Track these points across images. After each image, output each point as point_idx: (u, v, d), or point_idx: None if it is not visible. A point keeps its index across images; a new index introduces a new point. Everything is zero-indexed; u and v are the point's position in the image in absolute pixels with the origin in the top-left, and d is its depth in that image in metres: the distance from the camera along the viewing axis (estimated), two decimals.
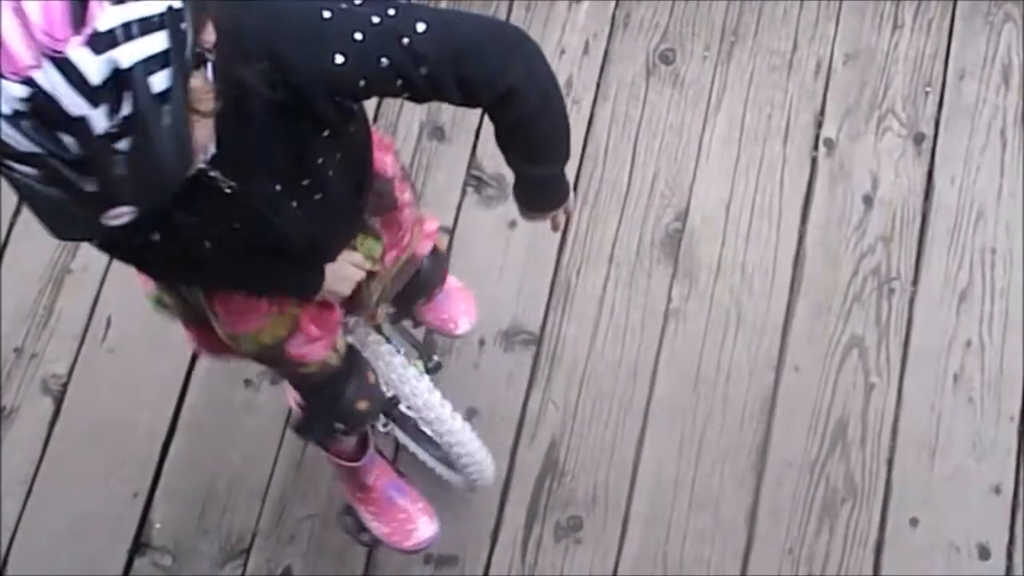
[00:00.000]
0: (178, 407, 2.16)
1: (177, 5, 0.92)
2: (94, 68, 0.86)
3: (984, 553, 2.06)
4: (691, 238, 2.26)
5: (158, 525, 2.10)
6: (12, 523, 2.10)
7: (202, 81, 0.98)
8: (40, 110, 0.85)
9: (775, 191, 2.28)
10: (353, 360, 1.64)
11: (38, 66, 0.85)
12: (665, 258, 2.25)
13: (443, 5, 2.40)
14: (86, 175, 0.89)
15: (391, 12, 1.18)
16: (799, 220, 2.27)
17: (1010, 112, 2.32)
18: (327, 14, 1.16)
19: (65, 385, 2.17)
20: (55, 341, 2.20)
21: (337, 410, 1.64)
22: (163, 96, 0.90)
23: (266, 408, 2.15)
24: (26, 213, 2.27)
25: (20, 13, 0.85)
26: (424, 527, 1.94)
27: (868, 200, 2.27)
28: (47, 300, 2.22)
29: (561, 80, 2.31)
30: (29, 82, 0.85)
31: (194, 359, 2.18)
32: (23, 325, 2.20)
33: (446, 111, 2.32)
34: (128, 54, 0.87)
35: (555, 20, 2.40)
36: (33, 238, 2.26)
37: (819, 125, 2.33)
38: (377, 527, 1.94)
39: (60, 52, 0.85)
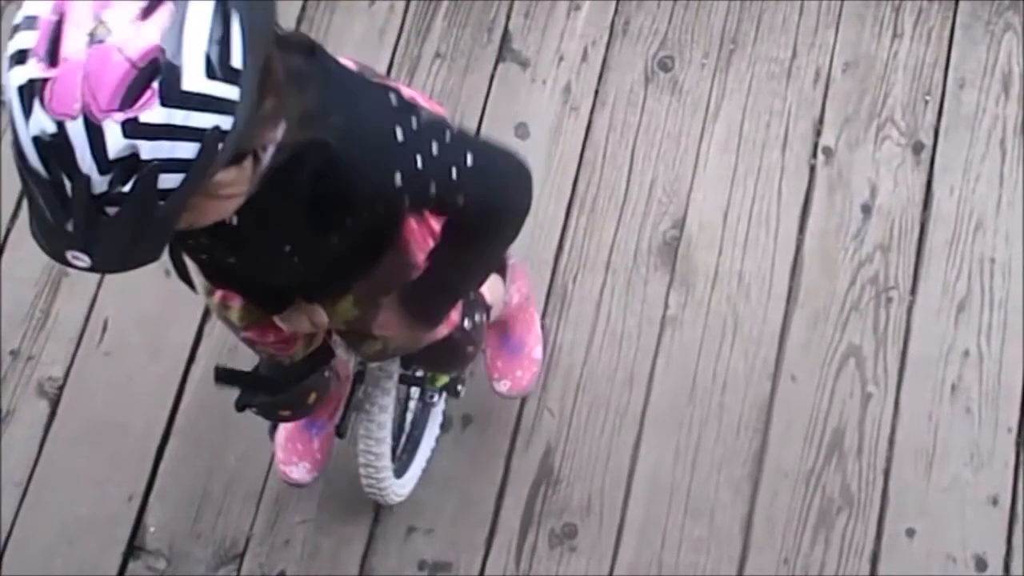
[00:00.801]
0: (173, 410, 2.16)
1: (225, 127, 0.93)
2: (116, 145, 0.90)
3: (981, 564, 2.05)
4: (688, 245, 2.26)
5: (152, 528, 2.10)
6: (7, 525, 2.10)
7: (236, 174, 1.03)
8: (58, 149, 0.91)
9: (773, 199, 2.28)
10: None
11: (74, 117, 0.89)
12: (662, 265, 2.24)
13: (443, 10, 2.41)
14: (69, 216, 0.93)
15: (447, 139, 1.22)
16: (797, 228, 2.26)
17: (1010, 122, 2.32)
18: (400, 136, 1.18)
19: (61, 388, 2.18)
20: (52, 344, 2.20)
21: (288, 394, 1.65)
22: (164, 193, 0.93)
23: None
24: (23, 217, 2.28)
25: (91, 65, 0.90)
26: (301, 472, 1.93)
27: (867, 209, 2.27)
28: (44, 303, 2.22)
29: (559, 86, 2.35)
30: (60, 125, 0.90)
31: (190, 363, 2.18)
32: (20, 328, 2.21)
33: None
34: (152, 149, 0.91)
35: (553, 26, 2.40)
36: (31, 241, 2.26)
37: (818, 133, 2.32)
38: (279, 436, 1.95)
39: (96, 119, 0.89)
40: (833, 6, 2.40)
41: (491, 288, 1.76)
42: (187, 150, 0.92)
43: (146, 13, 0.91)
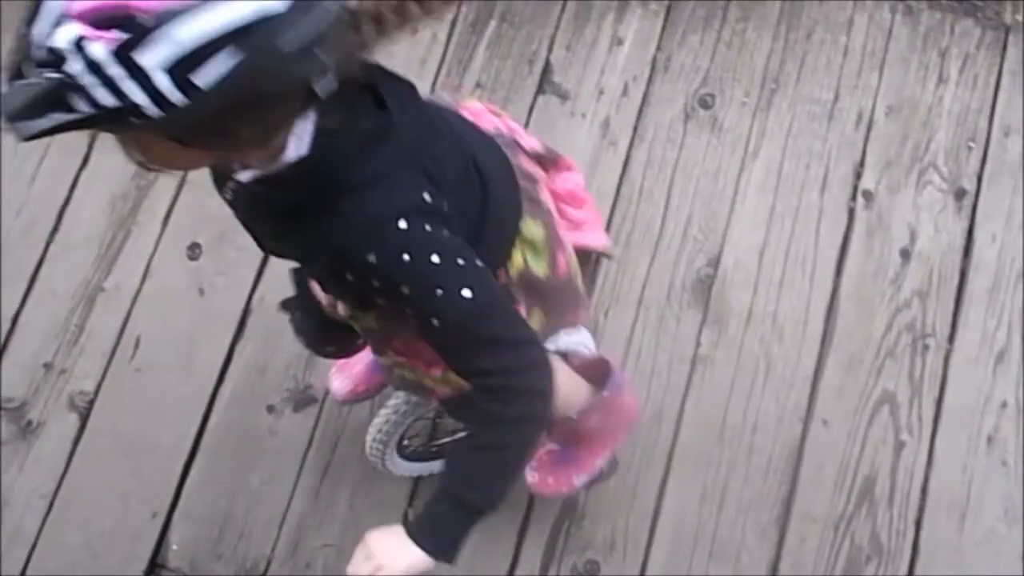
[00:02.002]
0: (201, 429, 2.17)
1: (151, 113, 0.98)
2: (59, 41, 0.96)
3: None
4: (723, 284, 2.24)
5: (174, 547, 2.10)
6: (32, 537, 2.11)
7: (191, 153, 1.08)
8: (34, 6, 0.97)
9: (810, 241, 2.26)
10: None
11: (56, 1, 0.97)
12: (695, 303, 2.22)
13: (485, 43, 2.42)
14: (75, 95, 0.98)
15: (454, 261, 1.20)
16: (834, 271, 2.24)
17: None
18: (403, 224, 1.17)
19: (91, 402, 2.19)
20: (84, 358, 2.22)
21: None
22: (67, 107, 0.98)
23: (287, 434, 2.15)
24: (63, 231, 2.31)
25: None
26: (338, 384, 1.96)
27: (905, 254, 2.24)
28: (79, 318, 2.24)
29: (598, 121, 2.35)
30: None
31: (219, 383, 2.19)
32: (54, 341, 2.23)
33: None
34: (77, 70, 0.96)
35: (595, 62, 2.40)
36: (68, 256, 2.29)
37: (858, 176, 2.30)
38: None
39: (63, 16, 0.96)
40: (877, 49, 2.39)
41: (571, 383, 1.73)
42: (103, 97, 0.97)
43: None
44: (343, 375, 2.00)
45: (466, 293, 1.19)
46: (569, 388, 1.74)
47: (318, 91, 1.05)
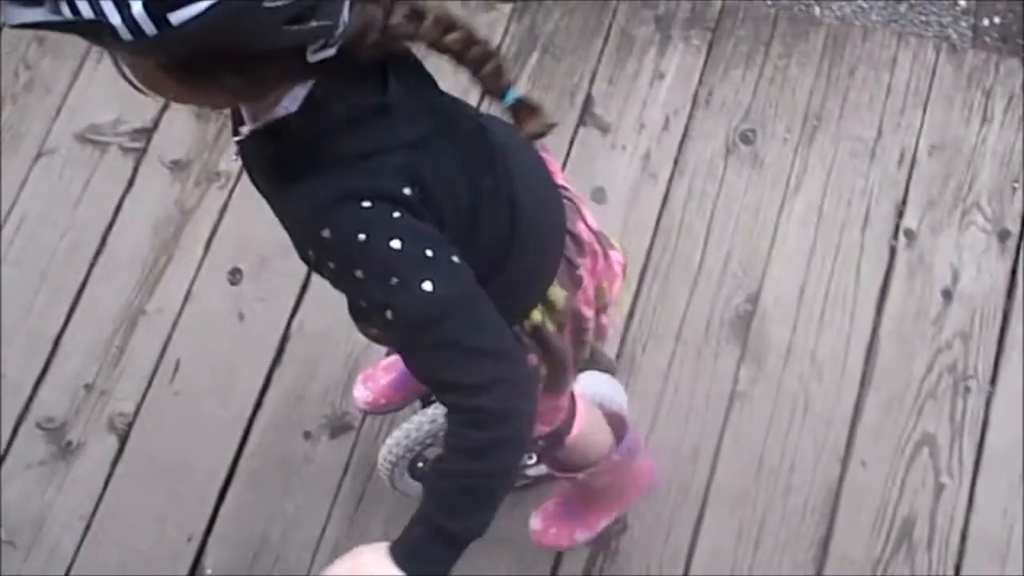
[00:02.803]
0: (238, 454, 2.18)
1: (123, 36, 0.98)
2: None
3: None
4: (762, 320, 2.23)
5: (209, 571, 2.11)
6: (69, 558, 2.12)
7: (167, 81, 1.06)
8: None
9: (851, 279, 2.24)
10: None
11: None
12: (734, 339, 2.21)
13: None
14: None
15: (418, 250, 1.10)
16: (874, 310, 2.22)
17: None
18: (366, 204, 1.11)
19: (131, 424, 2.21)
20: (124, 380, 2.24)
21: None
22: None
23: (324, 460, 2.16)
24: (106, 254, 2.33)
25: None
26: (361, 391, 2.00)
27: (947, 295, 2.22)
28: (120, 339, 2.27)
29: (639, 154, 2.35)
30: None
31: (257, 408, 2.20)
32: (96, 362, 2.25)
33: None
34: None
35: (636, 95, 2.41)
36: (111, 279, 2.32)
37: (900, 215, 2.29)
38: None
39: None
40: (921, 88, 2.38)
41: (598, 430, 1.69)
42: (84, 8, 0.96)
43: None
44: (367, 385, 2.00)
45: (426, 286, 1.08)
46: (595, 435, 1.73)
47: (309, 56, 1.04)
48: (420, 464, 1.98)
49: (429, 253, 1.10)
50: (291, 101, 1.13)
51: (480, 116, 1.33)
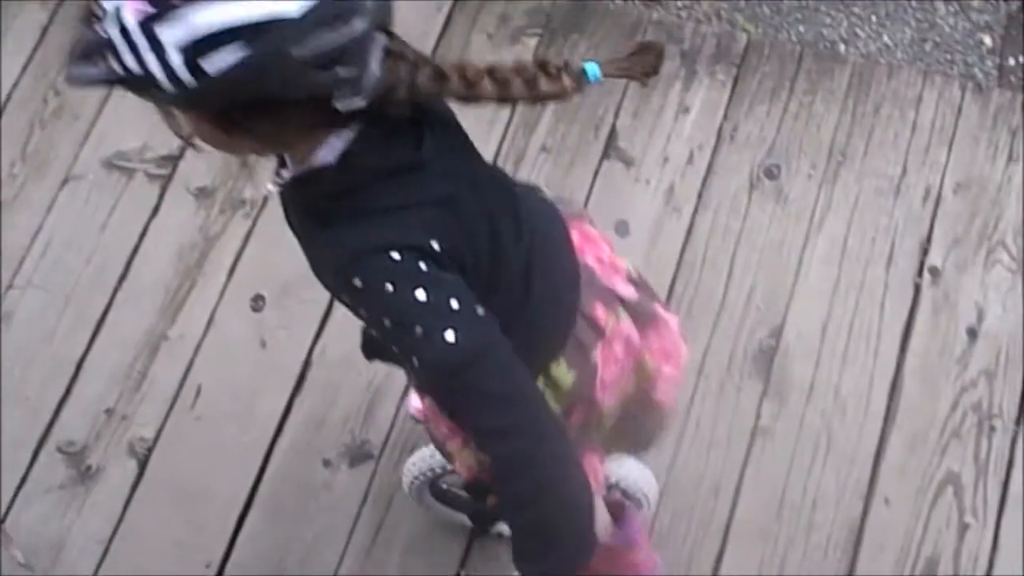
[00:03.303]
0: (257, 481, 2.17)
1: (166, 89, 1.03)
2: (106, 5, 1.04)
3: None
4: (785, 356, 2.22)
5: None
6: None
7: (206, 129, 1.11)
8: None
9: (875, 315, 2.23)
10: None
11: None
12: (756, 374, 2.20)
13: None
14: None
15: (454, 304, 1.13)
16: (898, 347, 2.21)
17: None
18: (395, 255, 1.14)
19: (151, 449, 2.21)
20: (145, 405, 2.24)
21: None
22: (93, 60, 1.05)
23: (343, 488, 2.15)
24: (131, 279, 2.34)
25: None
26: (416, 399, 1.87)
27: (972, 333, 2.21)
28: (142, 364, 2.27)
29: (663, 188, 2.36)
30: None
31: (277, 434, 2.20)
32: (117, 387, 2.25)
33: None
34: (113, 34, 1.02)
35: (660, 129, 2.42)
36: (135, 304, 2.33)
37: (924, 252, 2.28)
38: None
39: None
40: (947, 126, 2.38)
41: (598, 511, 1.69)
42: (130, 62, 1.03)
43: None
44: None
45: (449, 336, 1.11)
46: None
47: (338, 106, 1.07)
48: (444, 484, 1.97)
49: (454, 304, 1.13)
50: (328, 152, 1.16)
51: (515, 186, 1.36)
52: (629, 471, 1.92)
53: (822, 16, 2.54)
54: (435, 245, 1.16)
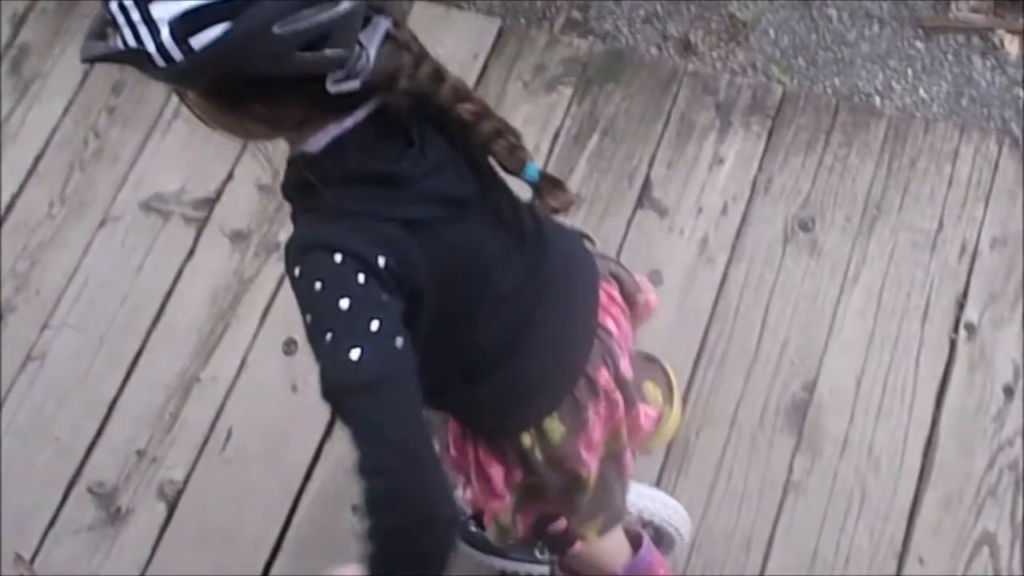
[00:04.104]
0: (285, 526, 2.16)
1: (159, 63, 1.05)
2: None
3: None
4: (818, 409, 2.20)
5: None
6: None
7: (209, 108, 1.14)
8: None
9: (910, 371, 2.21)
10: None
11: None
12: (789, 427, 2.18)
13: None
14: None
15: (373, 326, 1.10)
16: (934, 404, 2.19)
17: None
18: (337, 258, 1.13)
19: (180, 492, 2.21)
20: (176, 447, 2.24)
21: None
22: (99, 34, 1.10)
23: None
24: (164, 321, 2.36)
25: None
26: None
27: (1009, 391, 2.18)
28: (174, 407, 2.28)
29: (696, 238, 2.35)
30: None
31: (306, 480, 2.19)
32: (148, 429, 2.26)
33: None
34: (114, 7, 1.07)
35: (695, 179, 2.42)
36: (168, 345, 2.34)
37: (960, 308, 2.26)
38: None
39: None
40: (983, 181, 2.37)
41: (618, 541, 1.68)
42: (128, 37, 1.06)
43: None
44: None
45: (354, 354, 1.08)
46: (607, 550, 1.69)
47: (330, 87, 1.08)
48: (474, 529, 1.96)
49: (373, 325, 1.10)
50: (322, 137, 1.16)
51: (549, 230, 1.36)
52: (662, 507, 1.91)
53: (858, 69, 2.54)
54: (381, 261, 1.14)
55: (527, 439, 1.43)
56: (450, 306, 1.24)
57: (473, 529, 1.97)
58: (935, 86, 2.51)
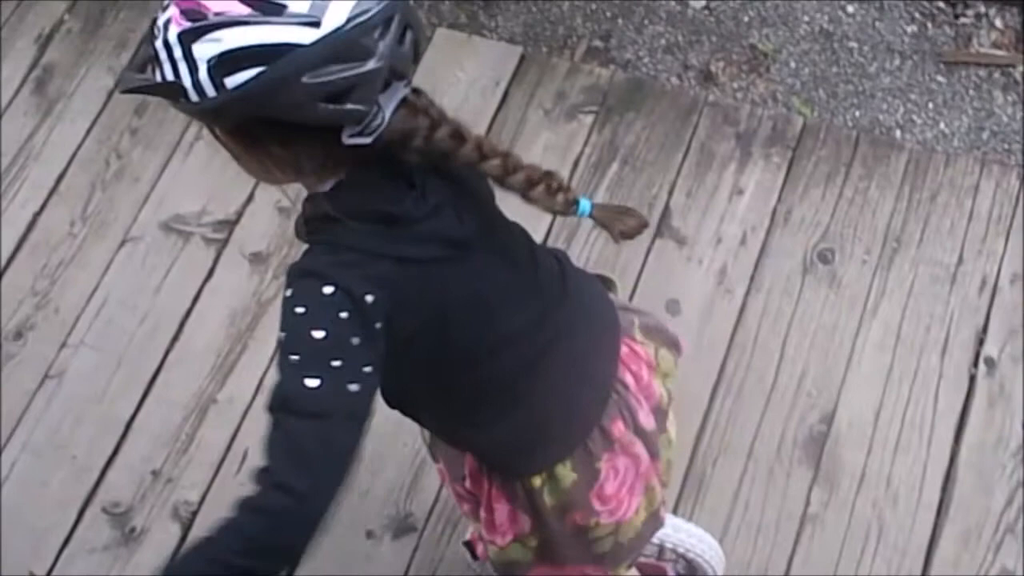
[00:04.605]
0: None
1: (193, 98, 1.12)
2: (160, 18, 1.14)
3: None
4: (836, 442, 2.19)
5: None
6: None
7: (238, 146, 1.20)
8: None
9: (928, 405, 2.20)
10: None
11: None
12: (806, 459, 2.17)
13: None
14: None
15: (336, 363, 1.14)
16: (952, 438, 2.17)
17: None
18: (327, 290, 1.17)
19: (195, 513, 2.20)
20: (192, 468, 2.24)
21: None
22: (139, 68, 1.16)
23: (385, 560, 2.13)
24: (182, 341, 2.36)
25: None
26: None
27: None
28: (190, 427, 2.28)
29: (715, 268, 2.35)
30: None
31: None
32: (164, 449, 2.26)
33: None
34: (158, 44, 1.13)
35: (714, 208, 2.42)
36: (186, 366, 2.34)
37: (980, 343, 2.25)
38: None
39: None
40: (1004, 216, 2.36)
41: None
42: (168, 71, 1.12)
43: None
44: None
45: (311, 382, 1.12)
46: None
47: (345, 139, 1.15)
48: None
49: (336, 363, 1.14)
50: (331, 182, 1.23)
51: (572, 277, 1.39)
52: (697, 541, 1.89)
53: (878, 102, 2.54)
54: (369, 299, 1.17)
55: (538, 480, 1.44)
56: (450, 345, 1.27)
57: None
58: (956, 120, 2.51)
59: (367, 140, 1.16)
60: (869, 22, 2.64)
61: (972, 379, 2.23)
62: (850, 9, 2.66)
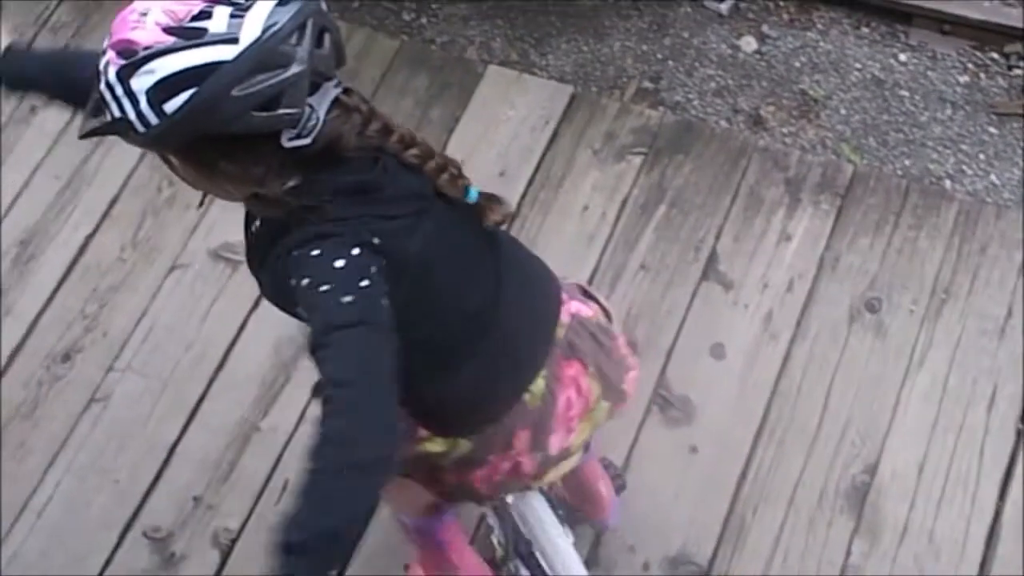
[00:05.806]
0: None
1: (139, 129, 1.20)
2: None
3: None
4: (879, 494, 2.17)
5: None
6: None
7: (188, 170, 1.28)
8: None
9: (974, 459, 2.18)
10: None
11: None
12: (848, 510, 2.16)
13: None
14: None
15: (359, 281, 1.25)
16: (997, 494, 2.15)
17: None
18: (316, 252, 1.27)
19: (234, 540, 2.21)
20: (232, 496, 2.26)
21: None
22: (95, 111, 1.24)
23: None
24: (227, 368, 2.38)
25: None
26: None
27: None
28: (232, 455, 2.29)
29: (761, 313, 2.34)
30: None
31: (359, 536, 2.19)
32: (206, 476, 2.28)
33: (641, 327, 2.34)
34: (103, 85, 1.21)
35: (762, 254, 2.41)
36: (230, 394, 2.36)
37: None
38: None
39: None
40: None
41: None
42: (113, 109, 1.20)
43: (170, 25, 1.18)
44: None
45: (346, 299, 1.24)
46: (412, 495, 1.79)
47: (284, 143, 1.23)
48: (532, 552, 1.92)
49: (363, 283, 1.26)
50: (292, 182, 1.31)
51: (522, 251, 1.56)
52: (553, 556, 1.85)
53: (929, 151, 2.54)
54: (375, 240, 1.29)
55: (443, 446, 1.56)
56: (432, 290, 1.38)
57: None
58: (1007, 172, 2.50)
59: (307, 141, 1.25)
60: (921, 71, 2.64)
61: (1019, 434, 2.20)
62: (902, 58, 2.65)
